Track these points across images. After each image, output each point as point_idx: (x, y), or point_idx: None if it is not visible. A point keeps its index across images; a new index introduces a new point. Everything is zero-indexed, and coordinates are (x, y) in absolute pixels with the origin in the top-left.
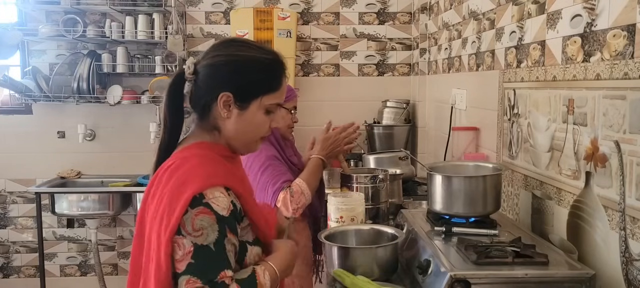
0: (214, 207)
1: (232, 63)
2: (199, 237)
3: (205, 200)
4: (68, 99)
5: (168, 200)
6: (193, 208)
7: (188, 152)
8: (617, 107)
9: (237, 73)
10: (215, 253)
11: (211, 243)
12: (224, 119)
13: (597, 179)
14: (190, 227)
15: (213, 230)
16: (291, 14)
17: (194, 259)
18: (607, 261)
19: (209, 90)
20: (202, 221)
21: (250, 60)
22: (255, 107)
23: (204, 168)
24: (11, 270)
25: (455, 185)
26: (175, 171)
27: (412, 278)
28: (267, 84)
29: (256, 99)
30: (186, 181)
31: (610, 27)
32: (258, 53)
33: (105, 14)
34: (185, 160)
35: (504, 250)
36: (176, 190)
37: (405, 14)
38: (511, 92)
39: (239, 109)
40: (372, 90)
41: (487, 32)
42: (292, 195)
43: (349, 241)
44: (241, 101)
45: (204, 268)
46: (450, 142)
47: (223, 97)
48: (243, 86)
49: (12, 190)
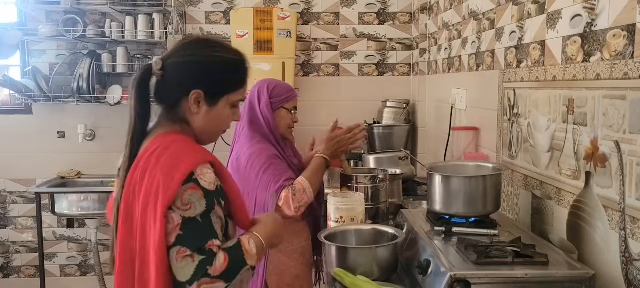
0: (201, 183)
1: (205, 63)
2: (188, 211)
3: (195, 177)
4: (68, 99)
5: (161, 180)
6: (183, 185)
7: (166, 138)
8: (617, 107)
9: (209, 73)
10: (202, 224)
11: (198, 215)
12: (194, 114)
13: (597, 179)
14: (180, 201)
15: (200, 204)
16: (291, 14)
17: (183, 231)
18: (607, 261)
19: (180, 87)
20: (191, 196)
21: (221, 61)
22: (223, 104)
23: (189, 149)
24: (11, 270)
25: (455, 185)
26: (163, 153)
27: (412, 278)
28: (235, 82)
29: (224, 96)
30: (178, 160)
31: (610, 27)
32: (227, 54)
33: (105, 14)
34: (170, 143)
35: (504, 250)
36: (169, 169)
37: (405, 14)
38: (511, 92)
39: (208, 105)
40: (372, 90)
41: (487, 32)
42: (294, 194)
43: (349, 241)
44: (211, 98)
45: (192, 238)
46: (450, 142)
47: (194, 94)
48: (214, 85)
49: (12, 190)
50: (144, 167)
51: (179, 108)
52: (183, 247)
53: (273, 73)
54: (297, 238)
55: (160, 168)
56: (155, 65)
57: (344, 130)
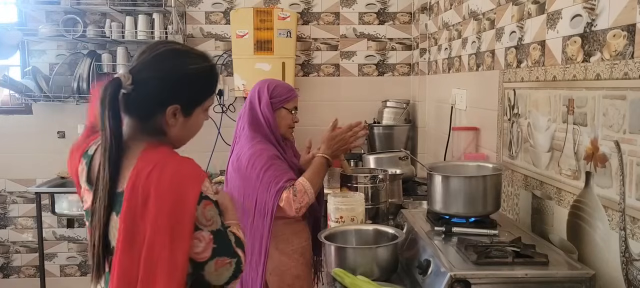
0: (211, 197)
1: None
2: (213, 225)
3: (204, 194)
4: (68, 99)
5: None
6: (199, 205)
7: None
8: (617, 107)
9: (186, 87)
10: (225, 232)
11: (221, 226)
12: (170, 126)
13: (597, 179)
14: (204, 219)
15: (216, 215)
16: (291, 14)
17: (216, 243)
18: (607, 261)
19: (155, 101)
20: (211, 211)
21: (195, 72)
22: (198, 112)
23: (188, 166)
24: (11, 270)
25: (455, 185)
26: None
27: (412, 278)
28: (209, 90)
29: (199, 106)
30: (181, 183)
31: (610, 27)
32: (199, 62)
33: (105, 14)
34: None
35: (504, 250)
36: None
37: (405, 14)
38: (511, 92)
39: (184, 116)
40: (372, 90)
41: (487, 32)
42: (295, 194)
43: (349, 241)
44: (187, 110)
45: (226, 247)
46: (450, 142)
47: (171, 109)
48: (190, 98)
49: (12, 190)
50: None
51: (154, 121)
52: (221, 257)
53: (273, 73)
54: (297, 239)
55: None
56: (125, 79)
57: (345, 128)
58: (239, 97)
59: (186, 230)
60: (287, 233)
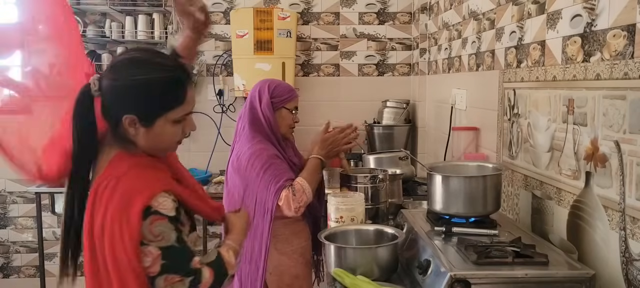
0: (162, 212)
1: (133, 87)
2: (162, 240)
3: (153, 209)
4: None
5: (118, 221)
6: (146, 220)
7: (117, 169)
8: (617, 107)
9: (138, 97)
10: (180, 248)
11: (174, 242)
12: (134, 135)
13: (597, 179)
14: (151, 235)
15: (171, 230)
16: (291, 14)
17: (165, 259)
18: (607, 261)
19: (115, 110)
20: (159, 226)
21: (150, 82)
22: (161, 123)
23: (141, 180)
24: (11, 270)
25: (455, 185)
26: (114, 191)
27: (412, 278)
28: (169, 101)
29: (160, 117)
30: (130, 198)
31: (610, 27)
32: (157, 73)
33: (105, 14)
34: (119, 177)
35: (504, 250)
36: (124, 209)
37: (405, 14)
38: (511, 92)
39: (144, 127)
40: (372, 90)
41: (487, 32)
42: (294, 194)
43: (349, 241)
44: (145, 121)
45: (178, 264)
46: (450, 142)
47: (127, 119)
48: (144, 109)
49: (12, 190)
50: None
51: (120, 128)
52: (170, 274)
53: (273, 73)
54: (297, 239)
55: (116, 208)
56: (93, 85)
57: (337, 130)
58: (239, 97)
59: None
60: (287, 233)
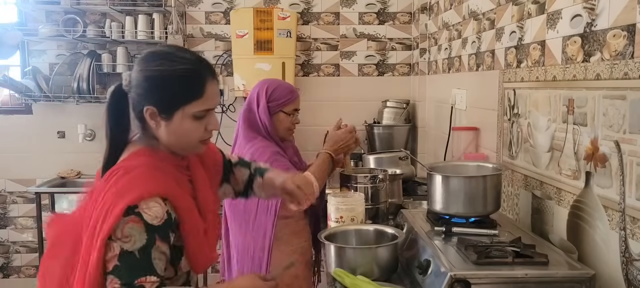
0: (144, 216)
1: (152, 78)
2: (127, 243)
3: (138, 210)
4: (68, 99)
5: (105, 208)
6: (126, 217)
7: (131, 161)
8: (617, 107)
9: (155, 87)
10: (139, 259)
11: (136, 250)
12: (156, 129)
13: (597, 179)
14: (120, 232)
15: (140, 238)
16: (291, 14)
17: (119, 262)
18: (607, 261)
19: (138, 103)
20: (131, 229)
21: (167, 74)
22: (179, 117)
23: (143, 179)
24: (11, 270)
25: (455, 185)
26: (119, 180)
27: (412, 278)
28: (186, 94)
29: (178, 110)
30: (124, 192)
31: (610, 27)
32: (176, 65)
33: (105, 14)
34: (128, 169)
35: (504, 250)
36: (114, 199)
37: (405, 14)
38: (511, 92)
39: (164, 120)
40: (372, 90)
41: (487, 32)
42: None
43: (349, 241)
44: (164, 113)
45: (126, 272)
46: (450, 142)
47: (148, 110)
48: (162, 99)
49: (12, 190)
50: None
51: (146, 123)
52: (115, 278)
53: (273, 73)
54: (297, 239)
55: (109, 196)
56: (125, 80)
57: (349, 127)
58: (239, 97)
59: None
60: (287, 233)
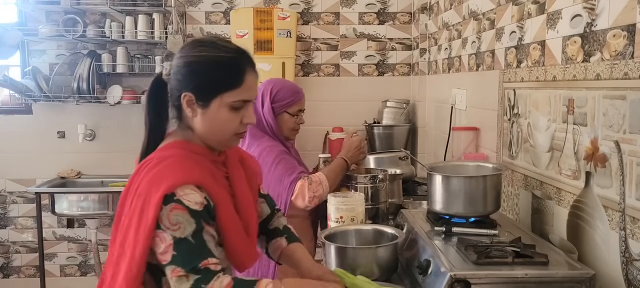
0: (185, 203)
1: (191, 64)
2: (177, 230)
3: (177, 197)
4: (68, 99)
5: (143, 199)
6: (166, 205)
7: (166, 151)
8: (617, 107)
9: (194, 73)
10: (194, 244)
11: (189, 235)
12: (192, 118)
13: (597, 179)
14: (168, 221)
15: (189, 223)
16: (291, 14)
17: (176, 251)
18: (607, 261)
19: (177, 91)
20: (177, 216)
21: (207, 59)
22: (216, 105)
23: (177, 167)
24: (11, 270)
25: (455, 185)
26: (151, 170)
27: (412, 278)
28: (225, 81)
29: (216, 97)
30: (160, 180)
31: (610, 27)
32: (217, 52)
33: (105, 14)
34: (161, 159)
35: (504, 250)
36: (151, 188)
37: (405, 14)
38: (511, 92)
39: (201, 108)
40: (372, 90)
41: (487, 32)
42: (310, 183)
43: (349, 241)
44: (202, 100)
45: (186, 258)
46: (450, 142)
47: (185, 97)
48: (201, 85)
49: (12, 190)
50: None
51: (183, 113)
52: (178, 267)
53: (273, 73)
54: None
55: (145, 187)
56: (165, 70)
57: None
58: None
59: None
60: None
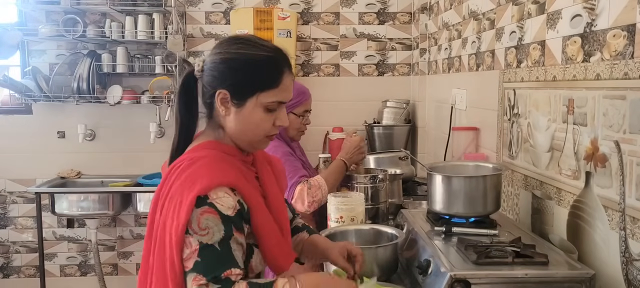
0: (218, 207)
1: (228, 61)
2: (205, 236)
3: (209, 200)
4: (68, 99)
5: (177, 201)
6: (198, 208)
7: (197, 152)
8: (617, 107)
9: (232, 70)
10: (220, 252)
11: (216, 243)
12: (224, 116)
13: (597, 179)
14: (196, 226)
15: (218, 230)
16: (291, 14)
17: (200, 257)
18: (607, 261)
19: (210, 87)
20: (207, 220)
21: (245, 57)
22: (251, 105)
23: (210, 169)
24: (11, 270)
25: (455, 185)
26: (183, 172)
27: (412, 278)
28: (262, 81)
29: (252, 97)
30: (193, 182)
31: (610, 27)
32: (256, 50)
33: (105, 14)
34: (193, 160)
35: (504, 250)
36: (184, 190)
37: (405, 14)
38: (511, 92)
39: (235, 106)
40: (372, 90)
41: (487, 32)
42: (309, 188)
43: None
44: (237, 99)
45: (209, 266)
46: (450, 142)
47: (220, 94)
48: (237, 83)
49: (12, 190)
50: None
51: (214, 112)
52: (199, 274)
53: None
54: None
55: (177, 189)
56: (197, 66)
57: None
58: None
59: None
60: None
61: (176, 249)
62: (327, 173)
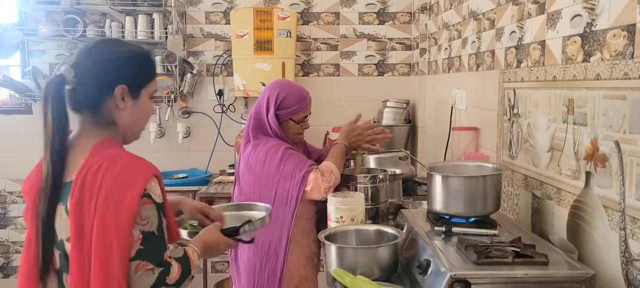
0: (153, 197)
1: (122, 58)
2: (146, 225)
3: (147, 192)
4: None
5: (115, 199)
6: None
7: (109, 151)
8: (617, 107)
9: (128, 66)
10: (158, 237)
11: (155, 229)
12: (120, 110)
13: (597, 179)
14: (139, 217)
15: (155, 217)
16: (291, 14)
17: (143, 245)
18: (607, 261)
19: (102, 86)
20: (147, 210)
21: (134, 54)
22: (144, 95)
23: (138, 164)
24: (11, 270)
25: (455, 185)
26: (111, 169)
27: (412, 278)
28: (149, 73)
29: (144, 87)
30: (130, 178)
31: (610, 27)
32: (134, 47)
33: (105, 14)
34: (113, 159)
35: (504, 250)
36: (122, 188)
37: (405, 14)
38: (511, 92)
39: (132, 98)
40: (372, 90)
41: (487, 32)
42: (322, 174)
43: (349, 241)
44: (134, 91)
45: (152, 252)
46: (450, 142)
47: (119, 89)
48: (134, 77)
49: (12, 190)
50: (91, 186)
51: (103, 109)
52: (144, 261)
53: (273, 73)
54: (306, 240)
55: (112, 188)
56: (68, 73)
57: (365, 124)
58: (239, 97)
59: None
60: (296, 234)
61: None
62: (333, 158)
